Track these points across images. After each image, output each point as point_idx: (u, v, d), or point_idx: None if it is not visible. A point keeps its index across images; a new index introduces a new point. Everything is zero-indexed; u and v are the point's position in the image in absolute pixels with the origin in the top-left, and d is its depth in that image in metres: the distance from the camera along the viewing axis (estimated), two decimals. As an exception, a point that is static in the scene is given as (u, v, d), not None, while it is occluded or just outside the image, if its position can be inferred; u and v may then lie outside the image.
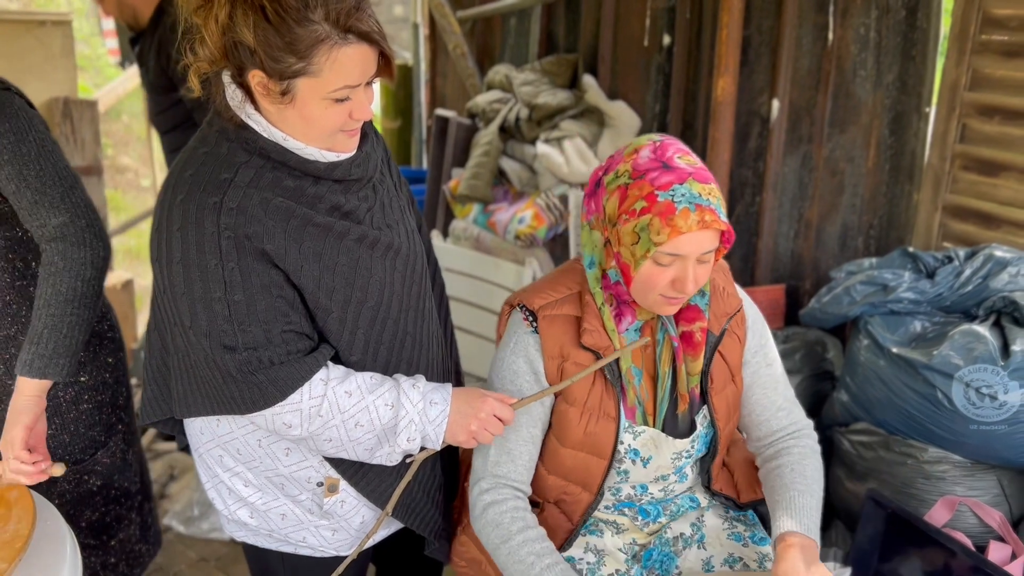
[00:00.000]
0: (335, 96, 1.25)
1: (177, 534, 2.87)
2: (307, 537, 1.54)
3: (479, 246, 3.34)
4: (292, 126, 1.29)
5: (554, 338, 1.42)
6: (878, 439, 2.11)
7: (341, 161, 1.34)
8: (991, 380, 1.88)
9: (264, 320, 1.28)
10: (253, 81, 1.24)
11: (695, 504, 1.59)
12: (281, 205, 1.29)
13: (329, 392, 1.33)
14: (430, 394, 1.36)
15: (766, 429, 1.55)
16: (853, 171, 2.55)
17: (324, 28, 1.19)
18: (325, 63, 1.21)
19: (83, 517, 1.74)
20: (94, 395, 1.68)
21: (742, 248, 2.84)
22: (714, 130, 2.61)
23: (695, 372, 1.44)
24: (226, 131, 1.30)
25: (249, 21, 1.19)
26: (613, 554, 1.53)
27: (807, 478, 1.46)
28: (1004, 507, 1.98)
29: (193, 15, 1.24)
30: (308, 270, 1.32)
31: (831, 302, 2.27)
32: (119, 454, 1.75)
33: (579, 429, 1.43)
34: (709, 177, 1.32)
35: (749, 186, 2.77)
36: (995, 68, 2.16)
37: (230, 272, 1.25)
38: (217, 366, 1.29)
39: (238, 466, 1.50)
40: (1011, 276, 2.02)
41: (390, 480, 1.51)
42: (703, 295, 1.44)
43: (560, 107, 3.17)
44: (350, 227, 1.36)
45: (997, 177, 2.19)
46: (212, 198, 1.26)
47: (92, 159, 3.70)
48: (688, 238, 1.27)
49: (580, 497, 1.50)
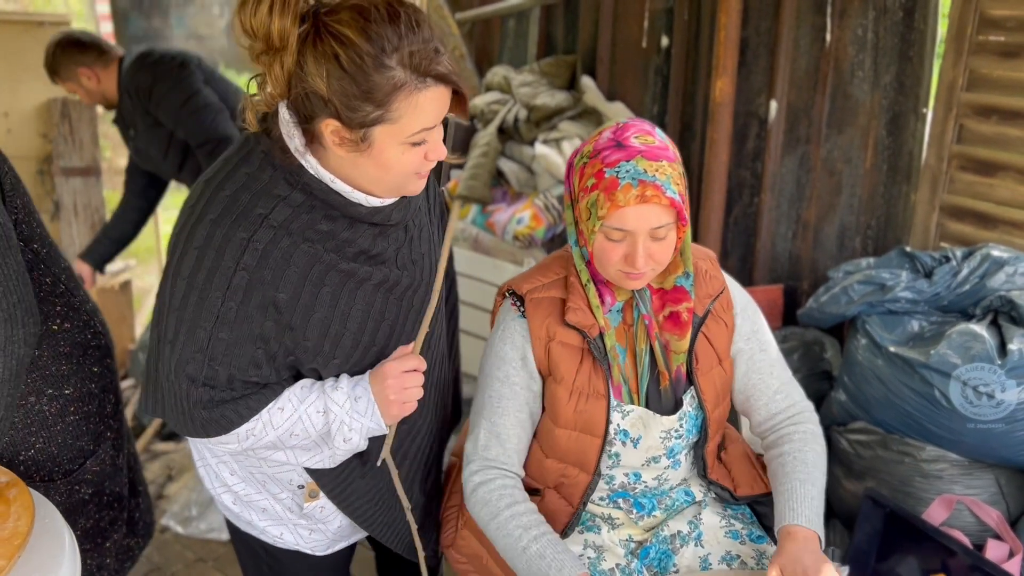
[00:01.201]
0: (413, 140, 1.20)
1: (175, 534, 2.86)
2: (284, 534, 1.56)
3: (477, 247, 3.34)
4: (366, 174, 1.25)
5: (540, 319, 1.47)
6: (876, 438, 2.11)
7: (384, 207, 1.31)
8: (988, 379, 1.88)
9: (235, 366, 1.27)
10: (327, 130, 1.19)
11: (690, 498, 1.60)
12: (308, 251, 1.26)
13: (263, 414, 1.32)
14: (354, 390, 1.35)
15: (765, 413, 1.56)
16: (851, 172, 2.56)
17: (402, 74, 1.15)
18: (404, 109, 1.17)
19: (77, 526, 1.73)
20: (80, 406, 1.66)
21: (740, 249, 2.84)
22: (712, 131, 2.62)
23: (680, 351, 1.47)
24: (272, 156, 1.25)
25: (322, 71, 1.14)
26: (612, 549, 1.54)
27: (808, 465, 1.47)
28: (1002, 505, 1.99)
29: (255, 60, 1.19)
30: (318, 319, 1.30)
31: (829, 302, 2.28)
32: (109, 461, 1.74)
33: (569, 408, 1.46)
34: (663, 156, 1.34)
35: (747, 187, 2.78)
36: (992, 69, 2.17)
37: (227, 310, 1.23)
38: (173, 387, 1.28)
39: (225, 455, 1.52)
40: (1008, 276, 2.03)
41: (368, 497, 1.51)
42: (688, 276, 1.47)
43: (558, 108, 3.17)
44: (372, 272, 1.34)
45: (994, 177, 2.20)
46: (242, 233, 1.22)
47: (91, 160, 3.70)
48: (630, 212, 1.31)
49: (578, 479, 1.52)
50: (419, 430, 1.56)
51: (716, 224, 2.71)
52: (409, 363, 1.36)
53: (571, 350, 1.46)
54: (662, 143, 1.37)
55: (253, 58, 1.19)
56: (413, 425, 1.53)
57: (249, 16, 1.14)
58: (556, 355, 1.46)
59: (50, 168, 3.61)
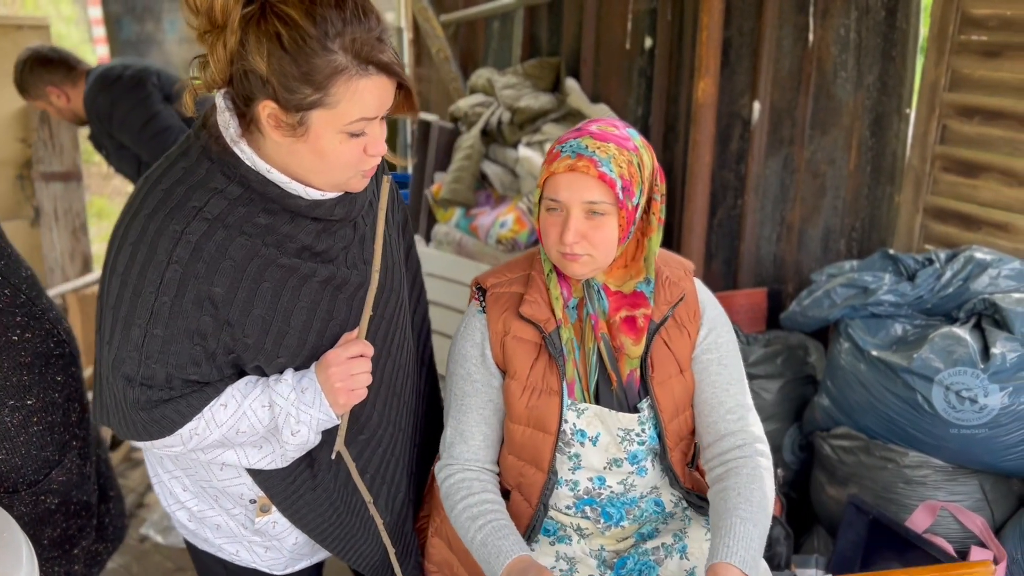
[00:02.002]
0: (350, 129, 1.19)
1: (154, 544, 2.83)
2: (240, 551, 1.52)
3: (461, 250, 3.31)
4: (302, 162, 1.22)
5: (497, 313, 1.48)
6: (859, 444, 2.08)
7: (324, 200, 1.28)
8: (971, 383, 1.85)
9: (172, 364, 1.24)
10: (264, 112, 1.16)
11: (660, 508, 1.56)
12: (245, 244, 1.23)
13: (205, 412, 1.28)
14: (299, 383, 1.31)
15: (715, 434, 1.47)
16: (835, 173, 2.53)
17: (343, 59, 1.13)
18: (343, 94, 1.15)
19: (44, 535, 1.70)
20: (43, 416, 1.63)
21: (724, 251, 2.82)
22: (695, 133, 2.59)
23: (634, 356, 1.44)
24: (209, 149, 1.24)
25: (263, 49, 1.12)
26: (584, 561, 1.51)
27: (752, 504, 1.36)
28: (986, 512, 1.96)
29: (199, 39, 1.17)
30: (258, 315, 1.27)
31: (812, 305, 2.25)
32: (75, 470, 1.71)
33: (522, 403, 1.46)
34: (614, 139, 1.36)
35: (731, 189, 2.75)
36: (974, 68, 2.14)
37: (161, 305, 1.20)
38: (112, 388, 1.25)
39: (177, 470, 1.48)
40: (991, 278, 2.00)
41: (320, 511, 1.47)
42: (648, 283, 1.45)
43: (542, 110, 3.15)
44: (317, 268, 1.31)
45: (977, 178, 2.17)
46: (175, 225, 1.20)
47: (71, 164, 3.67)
48: (560, 179, 1.34)
49: (535, 478, 1.50)
50: (379, 441, 1.51)
51: (700, 227, 2.68)
52: (353, 349, 1.33)
53: (526, 345, 1.45)
54: (623, 134, 1.38)
55: (197, 37, 1.17)
56: (373, 435, 1.49)
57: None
58: (511, 349, 1.46)
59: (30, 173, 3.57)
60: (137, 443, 1.33)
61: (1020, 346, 1.84)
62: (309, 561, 1.61)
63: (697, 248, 2.68)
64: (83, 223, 3.75)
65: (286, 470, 1.41)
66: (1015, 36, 2.04)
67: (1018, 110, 2.05)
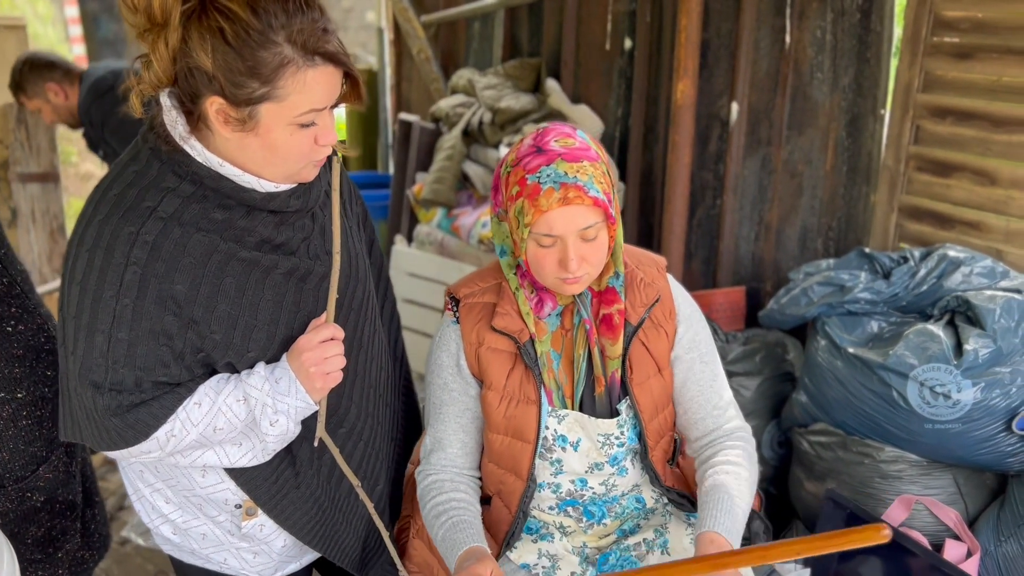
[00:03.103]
0: (300, 121, 1.18)
1: (135, 547, 2.82)
2: (228, 559, 1.52)
3: (443, 250, 3.32)
4: (253, 156, 1.22)
5: (471, 324, 1.48)
6: (836, 439, 2.11)
7: (279, 192, 1.27)
8: (945, 379, 1.89)
9: (139, 367, 1.23)
10: (212, 108, 1.16)
11: (641, 505, 1.58)
12: (203, 240, 1.23)
13: (180, 412, 1.28)
14: (272, 373, 1.31)
15: (702, 428, 1.53)
16: (811, 173, 2.56)
17: (289, 50, 1.13)
18: (291, 87, 1.15)
19: (28, 534, 1.69)
20: (33, 411, 1.63)
21: (704, 251, 2.84)
22: (675, 134, 2.62)
23: (615, 356, 1.45)
24: (158, 150, 1.23)
25: (207, 45, 1.11)
26: (566, 558, 1.52)
27: (739, 480, 1.44)
28: (960, 505, 1.99)
29: (139, 38, 1.16)
30: (223, 310, 1.26)
31: (789, 303, 2.28)
32: (62, 468, 1.71)
33: (499, 413, 1.47)
34: (583, 156, 1.33)
35: (710, 189, 2.78)
36: (947, 70, 2.18)
37: (123, 308, 1.20)
38: (81, 399, 1.24)
39: (158, 482, 1.46)
40: (964, 276, 2.04)
41: (305, 509, 1.48)
42: (618, 276, 1.45)
43: (523, 111, 3.17)
44: (279, 260, 1.31)
45: (950, 178, 2.21)
46: (129, 227, 1.19)
47: (48, 165, 3.64)
48: (554, 216, 1.30)
49: (514, 486, 1.52)
50: (360, 434, 1.52)
51: (679, 226, 2.71)
52: (324, 332, 1.32)
53: (501, 355, 1.46)
54: (583, 144, 1.36)
55: (137, 36, 1.16)
56: (352, 429, 1.50)
57: None
58: (486, 360, 1.47)
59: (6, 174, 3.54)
60: (115, 454, 1.32)
61: (992, 342, 1.87)
62: (298, 564, 1.61)
63: (677, 247, 2.70)
64: (61, 224, 3.72)
65: (268, 470, 1.41)
66: (986, 38, 2.08)
67: (989, 111, 2.09)
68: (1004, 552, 1.86)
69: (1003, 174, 2.10)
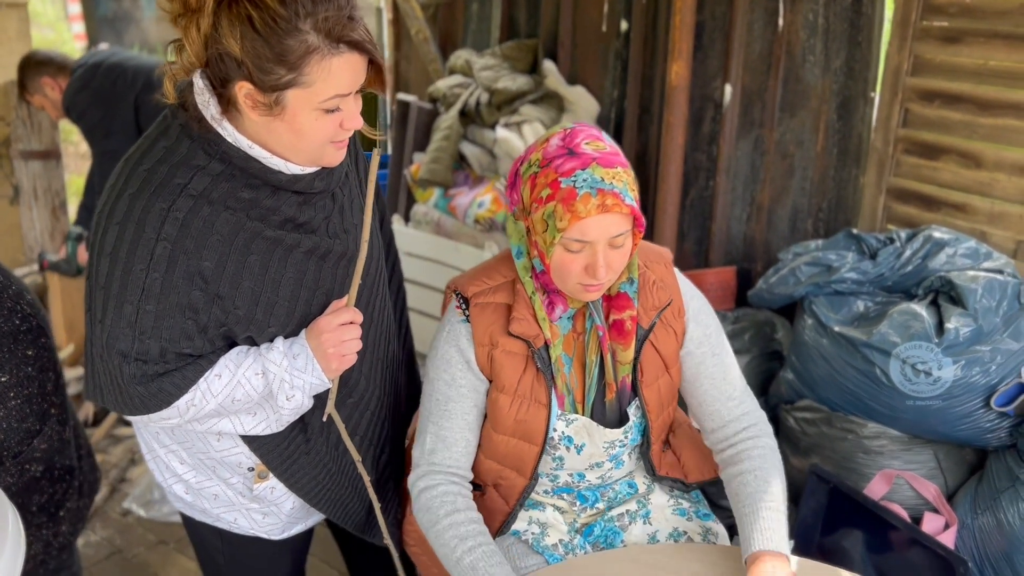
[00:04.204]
0: (326, 106, 1.22)
1: (137, 517, 2.87)
2: (238, 519, 1.57)
3: (440, 230, 3.36)
4: (280, 140, 1.25)
5: (483, 326, 1.44)
6: (821, 415, 2.16)
7: (304, 175, 1.31)
8: (926, 357, 1.93)
9: (165, 338, 1.27)
10: (240, 93, 1.20)
11: (633, 490, 1.61)
12: (230, 219, 1.27)
13: (201, 383, 1.32)
14: (290, 349, 1.36)
15: (719, 420, 1.53)
16: (803, 155, 2.60)
17: (315, 38, 1.16)
18: (317, 74, 1.18)
19: (32, 502, 1.74)
20: (20, 391, 1.65)
21: (696, 231, 2.88)
22: (669, 115, 2.65)
23: (626, 361, 1.44)
24: (189, 127, 1.26)
25: (236, 32, 1.15)
26: (556, 526, 1.57)
27: (771, 486, 1.43)
28: (939, 480, 2.05)
29: (173, 23, 1.20)
30: (247, 287, 1.31)
31: (777, 283, 2.32)
32: (56, 437, 1.75)
33: (510, 416, 1.45)
34: (616, 161, 1.32)
35: (703, 170, 2.81)
36: (936, 54, 2.21)
37: (152, 281, 1.24)
38: (107, 365, 1.29)
39: (173, 444, 1.52)
40: (948, 257, 2.08)
41: (314, 474, 1.52)
42: (632, 282, 1.44)
43: (520, 92, 3.19)
44: (301, 239, 1.35)
45: (937, 160, 2.25)
46: (161, 203, 1.23)
47: (50, 143, 3.67)
48: (590, 223, 1.28)
49: (515, 481, 1.52)
50: (367, 404, 1.57)
51: (672, 207, 2.74)
52: (344, 316, 1.37)
53: (515, 358, 1.44)
54: (613, 148, 1.34)
55: (171, 21, 1.20)
56: (361, 399, 1.55)
57: None
58: (499, 363, 1.43)
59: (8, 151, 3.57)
60: (134, 418, 1.37)
61: (973, 321, 1.92)
62: (304, 525, 1.67)
63: (670, 228, 2.74)
64: (63, 202, 3.76)
65: (281, 436, 1.46)
66: (974, 22, 2.11)
67: (976, 94, 2.13)
68: (980, 524, 1.92)
69: (988, 157, 2.14)
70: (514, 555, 1.53)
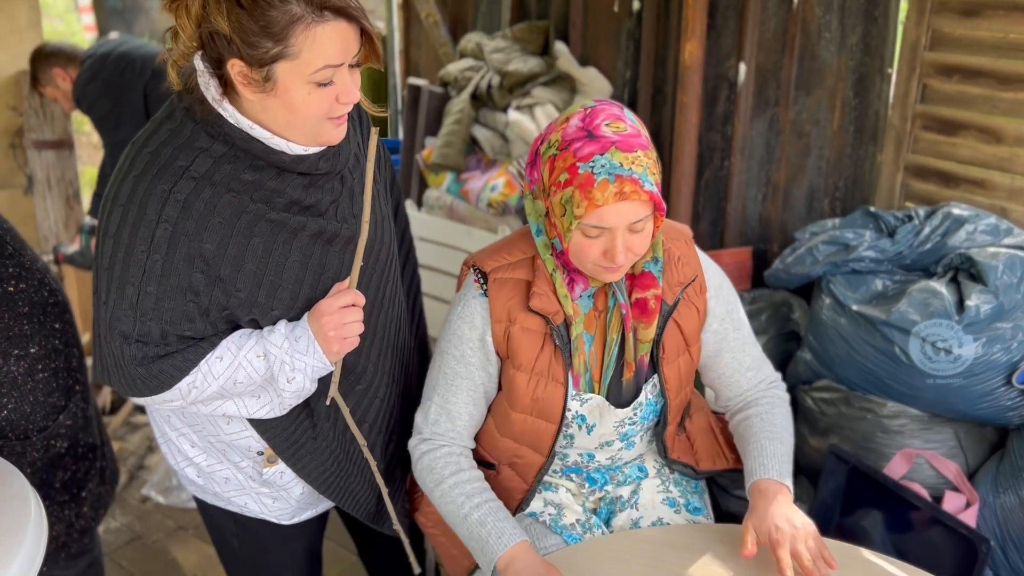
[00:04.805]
0: (317, 79, 1.21)
1: (156, 504, 2.90)
2: (248, 503, 1.58)
3: (453, 215, 3.35)
4: (276, 118, 1.25)
5: (502, 301, 1.43)
6: (839, 395, 2.15)
7: (308, 155, 1.31)
8: (946, 334, 1.91)
9: (166, 320, 1.28)
10: (233, 71, 1.21)
11: (644, 474, 1.61)
12: (232, 201, 1.27)
13: (202, 365, 1.33)
14: (292, 332, 1.35)
15: (736, 389, 1.56)
16: (819, 133, 2.57)
17: (298, 7, 1.17)
18: (303, 43, 1.18)
19: (56, 479, 1.77)
20: (48, 363, 1.69)
21: (711, 212, 2.86)
22: (682, 95, 2.62)
23: (647, 340, 1.43)
24: (192, 110, 1.27)
25: (222, 8, 1.17)
26: (570, 507, 1.57)
27: (776, 426, 1.48)
28: (960, 458, 2.03)
29: (166, 10, 1.22)
30: (250, 269, 1.30)
31: (794, 263, 2.30)
32: (80, 413, 1.77)
33: (527, 394, 1.44)
34: (636, 144, 1.29)
35: (718, 150, 2.79)
36: (954, 27, 2.17)
37: (152, 263, 1.24)
38: (110, 346, 1.30)
39: (184, 427, 1.53)
40: (968, 233, 2.05)
41: (321, 459, 1.52)
42: (656, 261, 1.42)
43: (531, 74, 3.17)
44: (307, 222, 1.34)
45: (956, 136, 2.22)
46: (163, 185, 1.24)
47: (63, 132, 3.68)
48: (608, 210, 1.26)
49: (532, 460, 1.52)
50: (376, 392, 1.57)
51: (687, 188, 2.72)
52: (345, 298, 1.36)
53: (532, 335, 1.43)
54: (634, 129, 1.31)
55: (164, 7, 1.22)
56: (369, 386, 1.54)
57: None
58: (516, 340, 1.43)
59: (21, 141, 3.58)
60: (139, 400, 1.38)
61: (994, 298, 1.89)
62: (314, 511, 1.67)
63: (684, 209, 2.72)
64: (76, 191, 3.77)
65: (287, 420, 1.46)
66: (993, -6, 2.07)
67: (995, 68, 2.09)
68: (1002, 503, 1.90)
69: (1008, 132, 2.11)
70: (533, 535, 1.53)
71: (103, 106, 3.13)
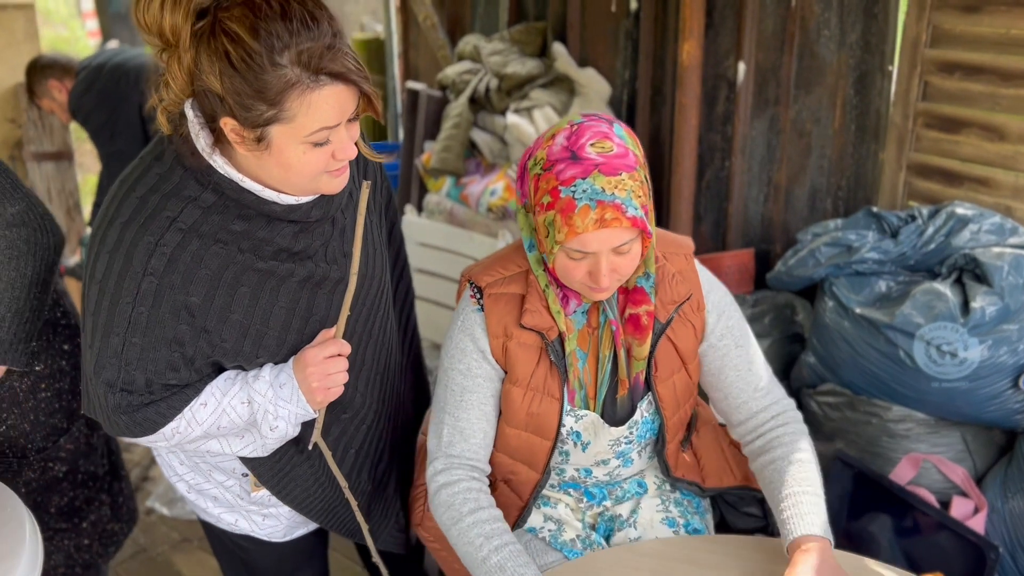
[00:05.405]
0: (313, 140, 1.17)
1: (160, 516, 2.89)
2: (239, 520, 1.57)
3: (453, 219, 3.33)
4: (271, 174, 1.22)
5: (497, 316, 1.41)
6: (844, 399, 2.12)
7: (300, 204, 1.28)
8: (951, 338, 1.88)
9: (151, 370, 1.26)
10: (226, 128, 1.17)
11: (643, 490, 1.58)
12: (220, 252, 1.24)
13: (186, 412, 1.31)
14: (277, 379, 1.33)
15: (746, 412, 1.50)
16: (820, 132, 2.54)
17: (294, 72, 1.11)
18: (298, 108, 1.13)
19: (52, 503, 1.75)
20: (51, 383, 1.68)
21: (713, 213, 2.83)
22: (681, 95, 2.60)
23: (641, 357, 1.41)
24: (183, 157, 1.23)
25: (215, 68, 1.12)
26: (571, 523, 1.55)
27: (805, 470, 1.41)
28: (968, 462, 2.00)
29: (157, 57, 1.18)
30: (236, 320, 1.28)
31: (797, 265, 2.28)
32: (83, 439, 1.76)
33: (522, 409, 1.42)
34: (621, 166, 1.25)
35: (718, 151, 2.76)
36: (955, 24, 2.14)
37: (138, 315, 1.22)
38: (96, 391, 1.28)
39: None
40: (972, 233, 2.02)
41: (304, 485, 1.51)
42: (648, 277, 1.40)
43: (529, 76, 3.14)
44: (295, 268, 1.32)
45: (959, 134, 2.19)
46: (149, 236, 1.21)
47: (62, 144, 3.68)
48: (590, 237, 1.24)
49: (527, 476, 1.50)
50: (363, 419, 1.55)
51: (688, 189, 2.69)
52: (330, 348, 1.34)
53: (529, 350, 1.41)
54: (621, 147, 1.27)
55: (155, 55, 1.17)
56: (356, 414, 1.53)
57: (142, 12, 1.12)
58: (514, 354, 1.41)
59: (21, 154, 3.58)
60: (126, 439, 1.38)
61: (999, 299, 1.86)
62: (306, 528, 1.66)
63: (685, 211, 2.69)
64: (76, 202, 3.77)
65: (274, 452, 1.46)
66: (995, -10, 2.04)
67: (998, 64, 2.06)
68: (1011, 508, 1.87)
69: (1012, 129, 2.08)
70: (533, 552, 1.51)
71: (99, 117, 3.13)
